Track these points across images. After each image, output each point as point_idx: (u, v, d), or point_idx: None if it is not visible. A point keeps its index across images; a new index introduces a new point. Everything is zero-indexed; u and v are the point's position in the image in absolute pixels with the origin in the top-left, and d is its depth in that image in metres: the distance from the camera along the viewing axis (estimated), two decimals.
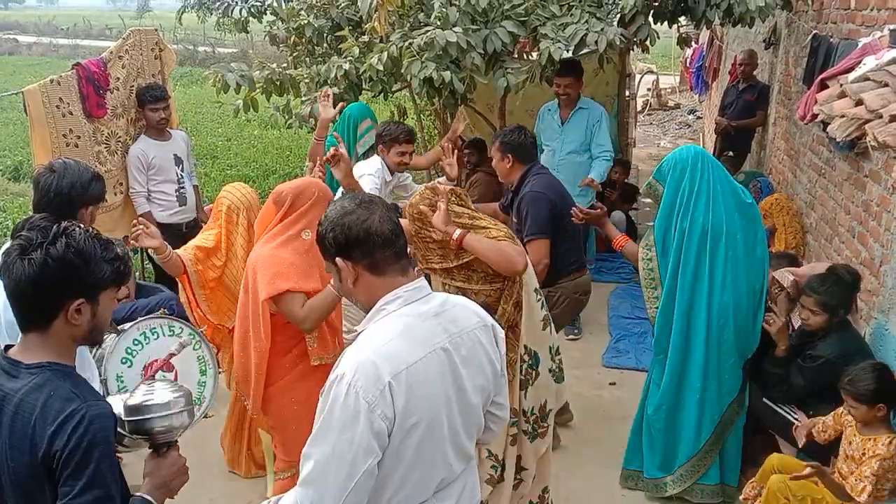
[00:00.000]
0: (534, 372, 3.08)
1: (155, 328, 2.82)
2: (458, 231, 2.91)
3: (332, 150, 3.50)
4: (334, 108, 4.27)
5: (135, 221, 3.22)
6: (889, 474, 2.86)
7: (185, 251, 3.41)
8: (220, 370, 2.97)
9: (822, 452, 3.19)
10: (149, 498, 1.76)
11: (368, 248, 1.75)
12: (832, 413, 3.15)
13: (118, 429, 1.75)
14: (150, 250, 3.28)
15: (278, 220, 2.92)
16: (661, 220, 3.35)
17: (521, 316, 3.02)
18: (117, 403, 1.83)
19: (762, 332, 3.44)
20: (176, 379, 2.68)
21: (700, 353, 3.35)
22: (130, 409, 1.80)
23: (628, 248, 3.59)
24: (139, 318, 2.85)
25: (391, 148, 4.27)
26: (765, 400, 3.48)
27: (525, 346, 3.04)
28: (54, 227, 1.70)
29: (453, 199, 3.03)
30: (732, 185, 3.32)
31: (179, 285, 3.46)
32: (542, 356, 3.09)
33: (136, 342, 2.74)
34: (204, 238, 3.51)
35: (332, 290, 2.73)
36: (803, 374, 3.31)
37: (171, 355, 2.28)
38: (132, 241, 3.20)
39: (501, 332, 1.94)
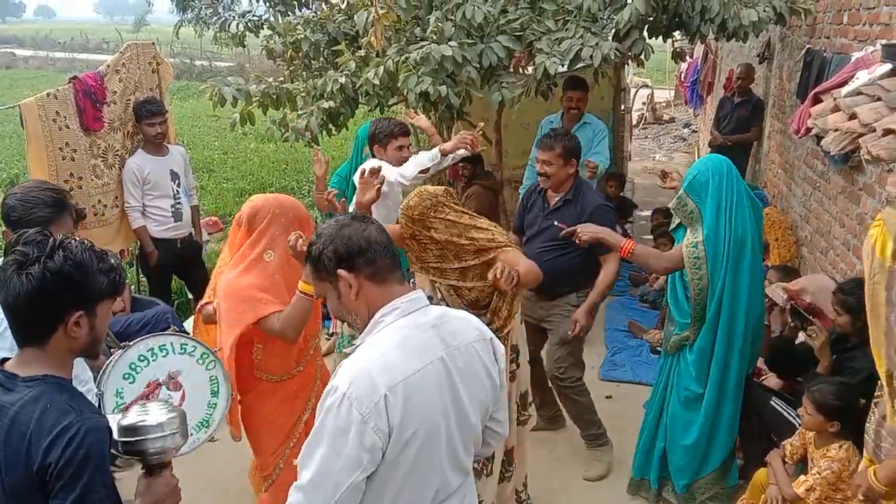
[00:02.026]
0: (515, 364, 3.20)
1: (164, 345, 2.64)
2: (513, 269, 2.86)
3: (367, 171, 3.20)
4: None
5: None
6: (850, 480, 2.87)
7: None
8: (234, 393, 2.84)
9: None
10: None
11: (371, 255, 1.75)
12: (798, 432, 3.17)
13: (111, 449, 1.74)
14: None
15: (240, 242, 2.90)
16: (710, 232, 3.22)
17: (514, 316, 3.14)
18: (112, 424, 1.81)
19: (804, 350, 3.47)
20: (183, 399, 2.58)
21: (738, 363, 3.34)
22: (123, 430, 1.78)
23: (639, 251, 3.38)
24: (149, 335, 2.70)
25: (388, 144, 4.12)
26: (772, 403, 3.46)
27: (512, 345, 3.15)
28: (50, 240, 1.69)
29: (450, 199, 3.04)
30: (748, 189, 3.36)
31: (176, 298, 3.42)
32: (521, 349, 3.23)
33: (141, 358, 2.58)
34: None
35: (301, 297, 2.68)
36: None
37: (158, 385, 2.25)
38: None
39: (501, 347, 1.93)
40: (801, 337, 3.75)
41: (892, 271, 2.06)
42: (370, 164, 3.66)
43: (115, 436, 1.77)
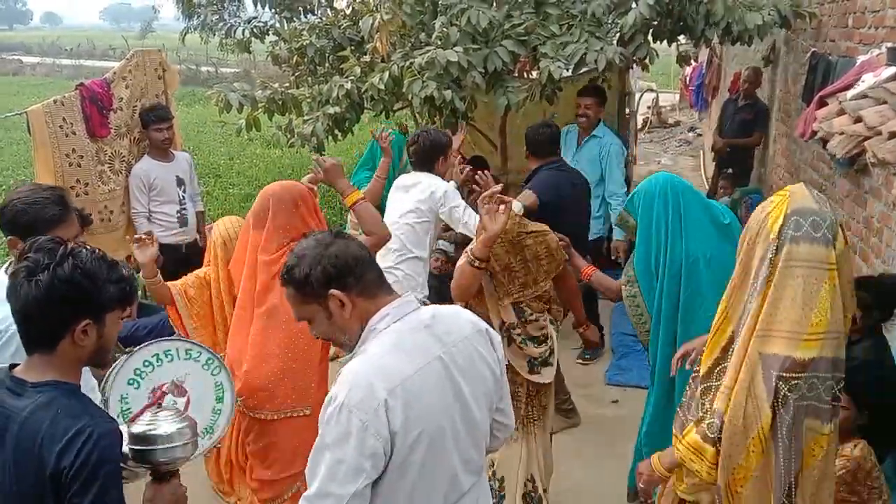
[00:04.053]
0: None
1: (170, 350, 2.62)
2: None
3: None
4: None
5: (142, 234, 3.19)
6: (866, 482, 2.82)
7: (174, 284, 3.35)
8: (238, 399, 2.84)
9: None
10: None
11: (359, 272, 1.75)
12: None
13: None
14: (141, 272, 3.20)
15: (254, 244, 2.95)
16: (640, 253, 3.11)
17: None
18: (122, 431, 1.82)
19: None
20: (188, 405, 2.56)
21: (686, 381, 3.03)
22: (135, 438, 1.79)
23: (596, 279, 3.39)
24: (154, 340, 2.69)
25: (448, 156, 3.95)
26: None
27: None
28: (61, 248, 1.71)
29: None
30: (708, 207, 3.12)
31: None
32: None
33: (146, 363, 2.56)
34: (202, 272, 3.46)
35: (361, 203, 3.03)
36: None
37: (163, 394, 2.28)
38: (133, 258, 3.16)
39: (497, 336, 1.93)
40: None
41: (771, 242, 2.03)
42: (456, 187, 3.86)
43: (126, 443, 1.78)
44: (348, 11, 5.78)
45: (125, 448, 1.78)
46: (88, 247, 1.78)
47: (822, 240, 1.98)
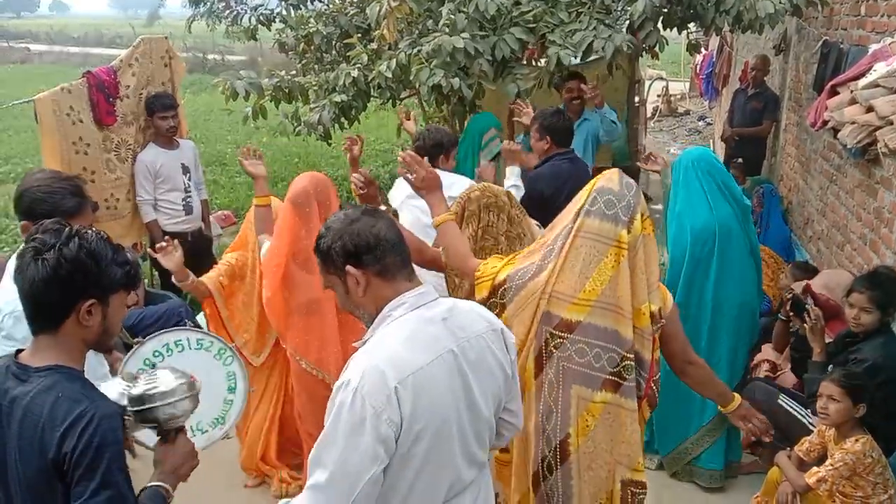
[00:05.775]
0: None
1: (180, 340, 2.62)
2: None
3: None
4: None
5: (167, 239, 3.21)
6: (868, 476, 2.83)
7: (210, 277, 3.41)
8: (251, 388, 2.80)
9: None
10: (162, 485, 1.77)
11: (379, 252, 1.74)
12: (816, 430, 3.12)
13: (127, 421, 1.77)
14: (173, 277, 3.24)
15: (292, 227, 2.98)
16: (671, 219, 3.51)
17: None
18: (114, 388, 1.83)
19: (800, 339, 3.52)
20: None
21: (713, 345, 3.41)
22: (134, 400, 1.81)
23: None
24: (166, 329, 2.68)
25: (450, 153, 3.90)
26: (780, 401, 3.42)
27: None
28: (67, 229, 1.72)
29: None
30: (733, 188, 3.44)
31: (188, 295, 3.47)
32: None
33: (156, 353, 2.56)
34: (231, 258, 3.52)
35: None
36: None
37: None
38: (153, 251, 3.19)
39: (512, 337, 1.92)
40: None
41: (575, 213, 2.22)
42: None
43: (127, 406, 1.80)
44: None
45: (128, 409, 1.79)
46: (94, 229, 1.79)
47: (611, 217, 2.17)
